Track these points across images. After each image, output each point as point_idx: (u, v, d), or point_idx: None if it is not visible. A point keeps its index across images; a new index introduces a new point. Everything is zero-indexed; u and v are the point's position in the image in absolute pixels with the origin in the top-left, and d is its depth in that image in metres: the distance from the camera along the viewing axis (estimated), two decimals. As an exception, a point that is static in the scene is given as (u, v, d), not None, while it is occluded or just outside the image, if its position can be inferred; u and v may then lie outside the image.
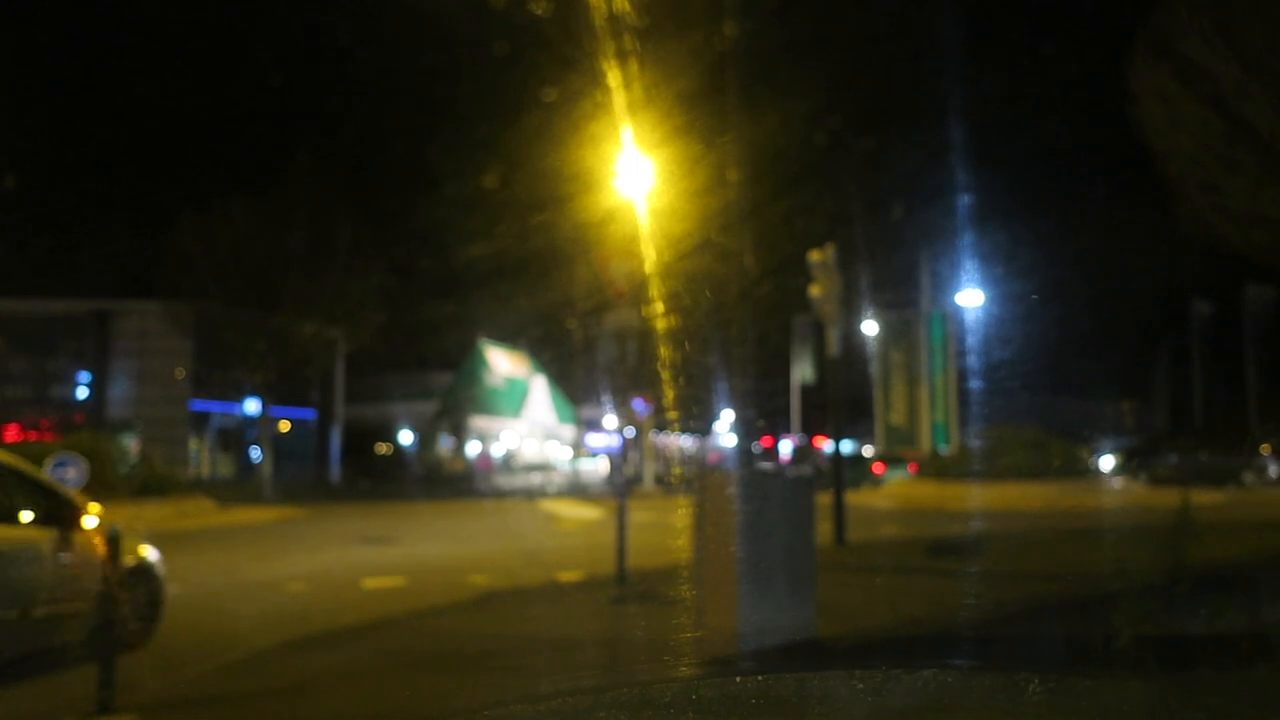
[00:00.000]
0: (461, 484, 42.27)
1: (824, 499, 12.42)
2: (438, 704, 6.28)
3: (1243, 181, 18.70)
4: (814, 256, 17.07)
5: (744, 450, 15.65)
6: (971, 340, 37.41)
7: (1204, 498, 17.23)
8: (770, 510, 7.20)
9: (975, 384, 35.67)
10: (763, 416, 48.23)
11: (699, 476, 9.41)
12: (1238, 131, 18.28)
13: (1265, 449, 37.85)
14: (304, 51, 46.36)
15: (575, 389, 58.87)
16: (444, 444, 55.49)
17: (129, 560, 8.19)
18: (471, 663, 7.60)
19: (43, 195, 38.46)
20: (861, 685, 2.44)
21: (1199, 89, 18.34)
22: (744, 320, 8.70)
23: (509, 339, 56.84)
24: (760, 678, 2.52)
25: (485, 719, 2.50)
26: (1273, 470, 35.64)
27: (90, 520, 8.04)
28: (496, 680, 6.89)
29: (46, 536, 7.64)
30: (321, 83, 50.92)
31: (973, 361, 38.35)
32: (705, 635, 7.11)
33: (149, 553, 8.82)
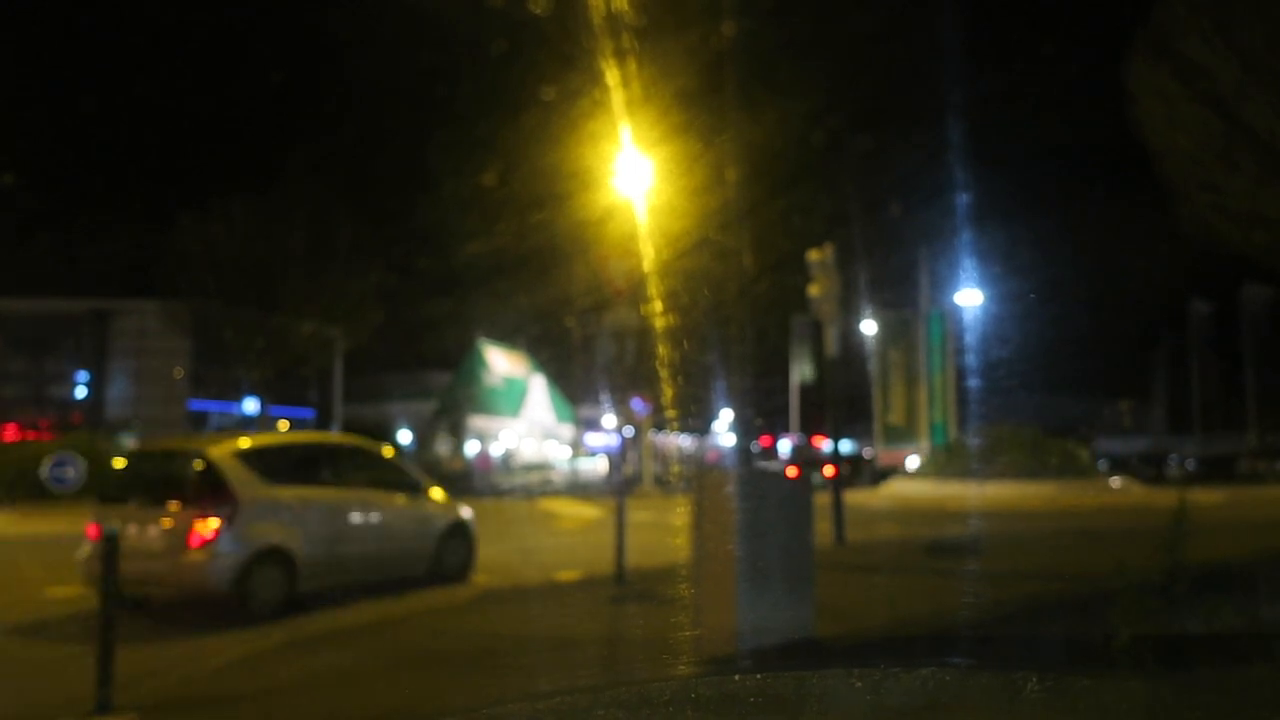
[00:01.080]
0: (460, 483, 42.23)
1: (822, 498, 12.42)
2: (436, 703, 6.27)
3: (1242, 181, 18.71)
4: (813, 256, 17.09)
5: (743, 449, 15.64)
6: (970, 340, 37.46)
7: (1203, 497, 17.24)
8: (768, 510, 7.20)
9: (973, 383, 35.69)
10: (762, 416, 48.20)
11: (698, 475, 9.39)
12: (1237, 131, 18.29)
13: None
14: (303, 51, 46.40)
15: (574, 388, 58.83)
16: (443, 444, 55.50)
17: (451, 516, 12.13)
18: (470, 662, 7.59)
19: (42, 194, 38.48)
20: (860, 684, 2.44)
21: (1198, 89, 18.34)
22: (742, 318, 8.70)
23: (508, 338, 56.80)
24: (758, 676, 2.51)
25: (484, 717, 2.50)
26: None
27: (432, 491, 12.07)
28: (495, 679, 6.88)
29: (410, 500, 11.73)
30: (320, 82, 50.95)
31: (971, 361, 38.41)
32: (704, 634, 7.11)
33: (464, 513, 12.34)
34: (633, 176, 11.20)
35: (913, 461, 39.43)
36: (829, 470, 36.86)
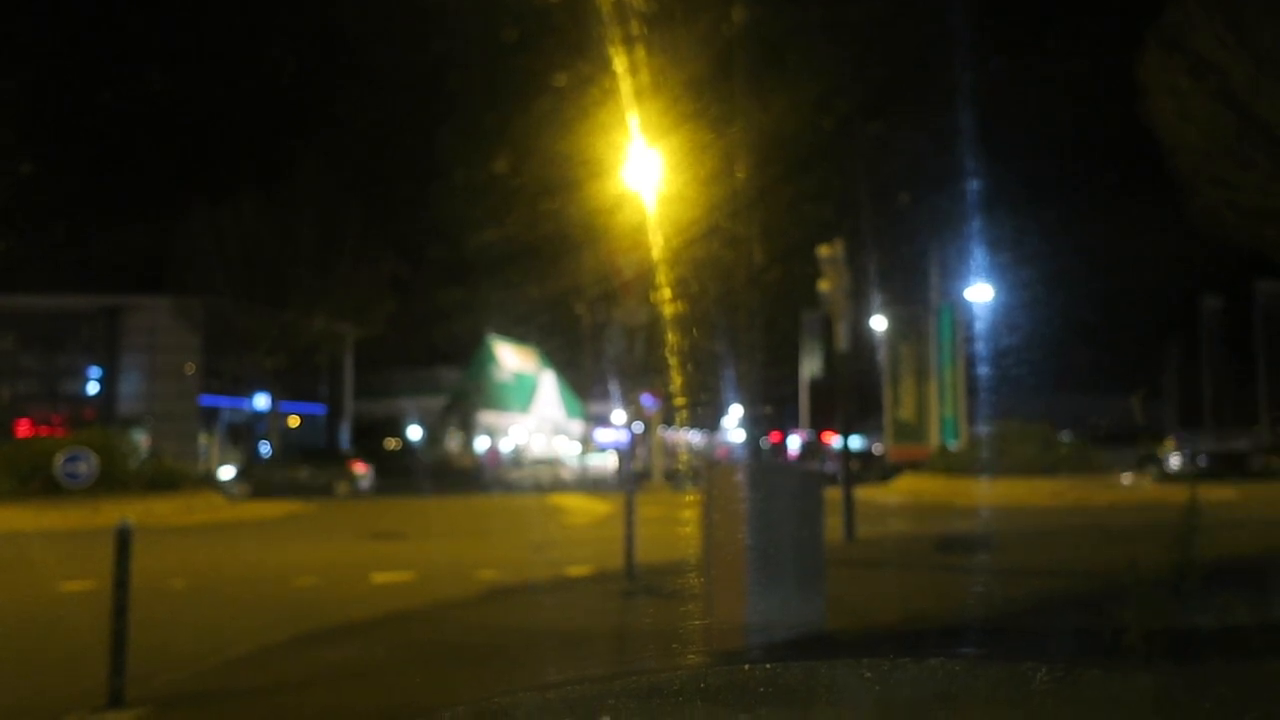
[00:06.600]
0: (470, 479, 42.30)
1: (832, 494, 12.40)
2: (447, 695, 6.29)
3: (1254, 177, 18.66)
4: (823, 251, 17.03)
5: (753, 444, 15.62)
6: (980, 335, 37.36)
7: (1214, 493, 17.20)
8: (779, 504, 7.20)
9: (984, 379, 35.56)
10: (771, 405, 48.11)
11: (708, 470, 9.35)
12: (1248, 127, 18.25)
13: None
14: (312, 42, 46.46)
15: (584, 382, 58.84)
16: (452, 439, 55.57)
17: None
18: (480, 655, 7.61)
19: (52, 190, 38.54)
20: (869, 674, 2.44)
21: (1210, 84, 18.30)
22: (752, 306, 8.68)
23: (518, 327, 56.78)
24: (768, 666, 2.51)
25: (494, 706, 2.51)
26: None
27: None
28: (505, 672, 6.90)
29: None
30: (329, 73, 50.90)
31: (982, 356, 38.26)
32: (714, 628, 7.12)
33: None
34: (643, 164, 11.14)
35: None
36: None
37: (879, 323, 40.41)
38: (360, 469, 32.66)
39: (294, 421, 45.18)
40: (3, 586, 11.77)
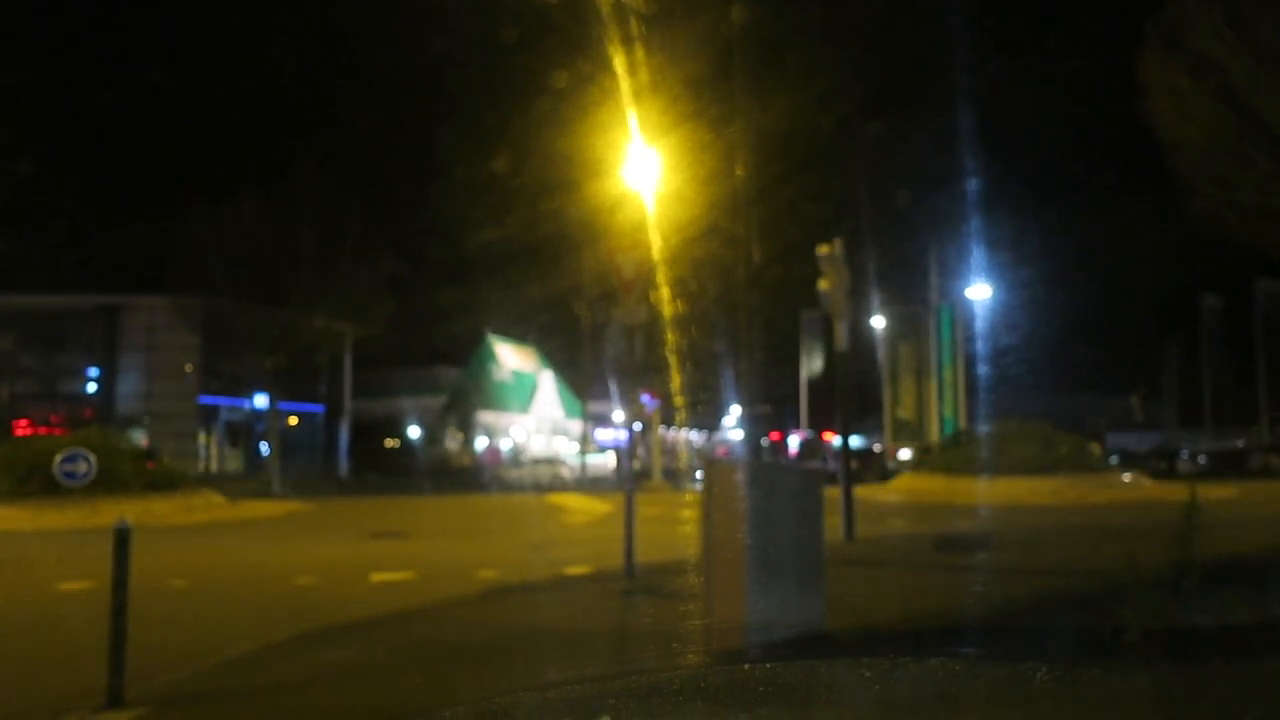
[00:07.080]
0: (469, 478, 42.26)
1: (832, 493, 12.39)
2: (447, 695, 6.28)
3: (1254, 176, 18.63)
4: (822, 251, 17.01)
5: (752, 443, 15.61)
6: (980, 334, 37.37)
7: (1214, 492, 17.19)
8: (778, 503, 7.19)
9: (984, 378, 35.55)
10: (770, 403, 48.08)
11: (707, 469, 9.35)
12: (1248, 126, 18.22)
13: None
14: (312, 42, 46.47)
15: (583, 382, 58.88)
16: (451, 439, 55.53)
17: None
18: (480, 655, 7.61)
19: (52, 190, 38.52)
20: (869, 674, 2.43)
21: (1209, 83, 18.27)
22: (751, 305, 8.68)
23: (518, 327, 56.77)
24: (768, 666, 2.51)
25: (495, 706, 2.50)
26: None
27: None
28: (505, 671, 6.90)
29: None
30: (329, 73, 51.00)
31: (981, 355, 38.30)
32: (714, 628, 7.11)
33: None
34: (642, 164, 11.10)
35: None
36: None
37: (879, 322, 40.46)
38: None
39: (293, 421, 45.17)
40: (1, 586, 11.76)
